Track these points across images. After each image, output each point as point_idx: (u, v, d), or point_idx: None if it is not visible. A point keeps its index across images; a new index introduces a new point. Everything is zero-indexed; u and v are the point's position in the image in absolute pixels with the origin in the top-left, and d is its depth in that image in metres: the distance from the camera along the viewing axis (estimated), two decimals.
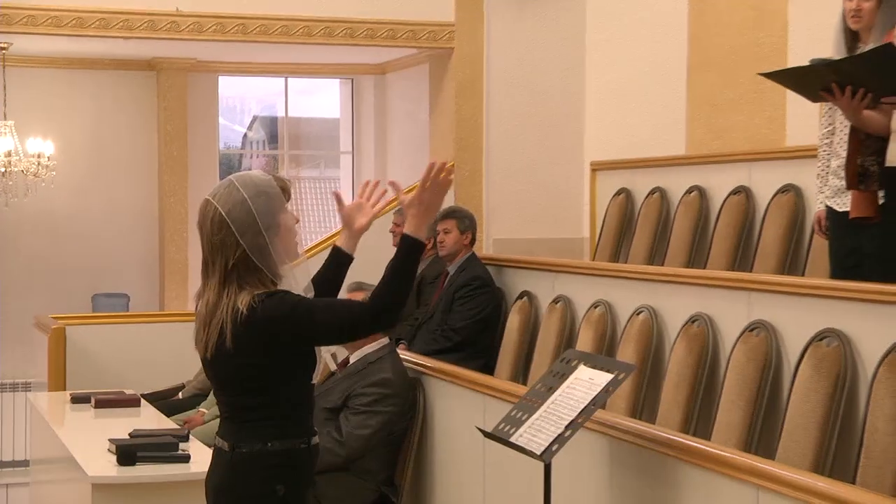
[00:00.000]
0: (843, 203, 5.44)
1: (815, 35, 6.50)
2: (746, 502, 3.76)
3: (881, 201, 5.13)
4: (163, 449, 5.34)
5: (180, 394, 8.16)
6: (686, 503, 4.09)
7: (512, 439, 4.31)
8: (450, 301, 7.68)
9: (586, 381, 4.30)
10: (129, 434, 5.59)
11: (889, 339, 4.61)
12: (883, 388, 4.54)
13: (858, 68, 4.92)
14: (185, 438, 5.64)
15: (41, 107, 12.34)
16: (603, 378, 4.26)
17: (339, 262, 4.28)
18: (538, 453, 4.15)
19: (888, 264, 4.99)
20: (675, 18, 8.98)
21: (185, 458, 5.27)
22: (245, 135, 21.36)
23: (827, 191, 5.65)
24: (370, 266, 4.63)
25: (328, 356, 4.08)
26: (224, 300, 3.82)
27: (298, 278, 3.95)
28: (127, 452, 5.20)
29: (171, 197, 12.76)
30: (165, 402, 7.68)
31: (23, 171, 11.90)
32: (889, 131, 5.02)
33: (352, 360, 6.32)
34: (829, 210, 5.61)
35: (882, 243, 5.08)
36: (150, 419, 6.57)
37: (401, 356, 6.49)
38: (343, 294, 4.52)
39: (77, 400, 7.11)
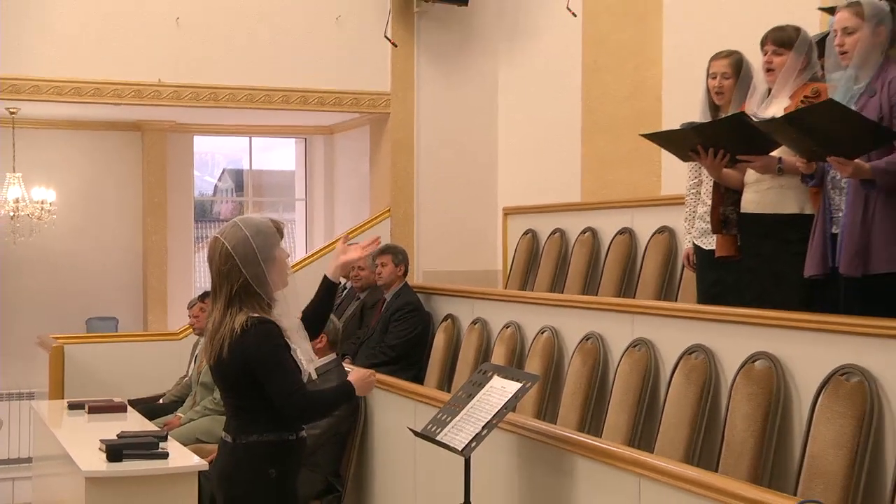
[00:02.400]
0: (709, 242, 5.49)
1: (684, 104, 6.57)
2: (630, 488, 3.78)
3: (739, 242, 5.20)
4: (145, 448, 5.28)
5: (161, 401, 8.07)
6: (581, 490, 4.10)
7: (438, 437, 4.30)
8: (387, 322, 7.66)
9: (499, 389, 4.30)
10: (117, 435, 5.52)
11: (745, 352, 4.66)
12: (740, 393, 4.59)
13: (718, 132, 4.99)
14: (165, 439, 5.59)
15: (45, 161, 12.18)
16: (513, 386, 4.26)
17: (328, 288, 4.40)
18: (459, 449, 4.14)
19: (743, 292, 5.04)
20: (570, 90, 9.05)
21: (164, 455, 5.22)
22: (216, 184, 21.19)
23: (694, 232, 5.69)
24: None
25: (311, 368, 4.09)
26: (227, 319, 3.89)
27: (289, 300, 4.03)
28: (115, 450, 5.15)
29: (153, 236, 12.63)
30: (148, 407, 7.58)
31: (28, 215, 11.77)
32: (743, 184, 5.09)
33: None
34: (697, 248, 5.65)
35: (738, 276, 5.13)
36: (135, 422, 6.49)
37: (346, 368, 6.47)
38: None
39: (73, 406, 7.02)
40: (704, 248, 5.54)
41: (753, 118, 4.77)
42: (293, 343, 4.00)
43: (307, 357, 4.07)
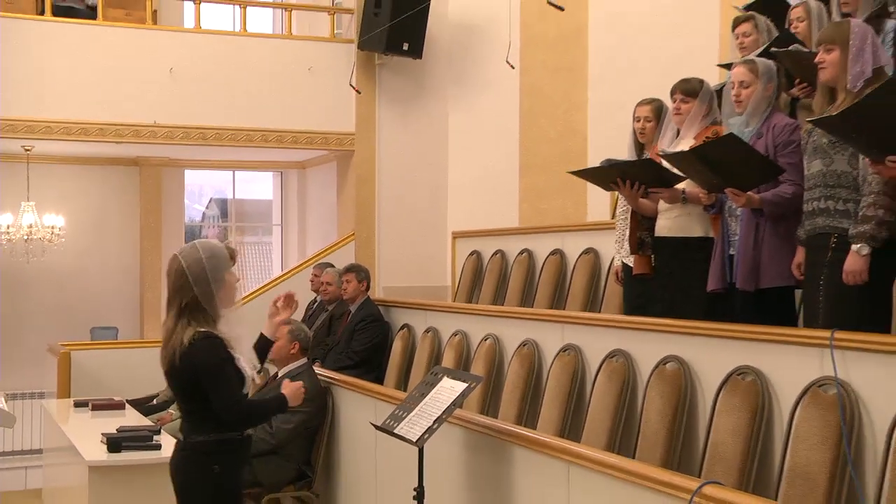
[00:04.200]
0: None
1: (606, 144, 6.64)
2: (560, 472, 3.80)
3: (654, 263, 5.24)
4: (141, 440, 5.25)
5: (154, 400, 8.00)
6: (518, 476, 4.11)
7: (395, 430, 4.30)
8: (351, 331, 7.64)
9: (449, 389, 4.31)
10: (117, 429, 5.48)
11: (658, 356, 4.68)
12: (654, 391, 4.62)
13: (632, 170, 5.05)
14: (158, 432, 5.55)
15: (55, 192, 12.08)
16: (460, 386, 4.27)
17: (261, 346, 4.39)
18: (414, 440, 4.15)
19: (660, 305, 5.08)
20: (509, 132, 9.12)
21: (158, 447, 5.19)
22: (203, 212, 21.06)
23: (623, 252, 5.70)
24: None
25: (254, 374, 4.03)
26: (178, 329, 3.80)
27: (231, 321, 3.91)
28: (115, 443, 5.12)
29: (149, 256, 12.53)
30: (144, 405, 7.51)
31: (40, 238, 11.66)
32: (657, 212, 5.13)
33: (280, 374, 6.25)
34: (624, 265, 5.68)
35: (653, 290, 5.16)
36: (132, 418, 6.44)
37: (316, 371, 6.45)
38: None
39: (78, 405, 6.96)
40: (630, 265, 5.57)
41: (665, 153, 4.82)
42: (237, 353, 3.88)
43: (250, 364, 3.99)
